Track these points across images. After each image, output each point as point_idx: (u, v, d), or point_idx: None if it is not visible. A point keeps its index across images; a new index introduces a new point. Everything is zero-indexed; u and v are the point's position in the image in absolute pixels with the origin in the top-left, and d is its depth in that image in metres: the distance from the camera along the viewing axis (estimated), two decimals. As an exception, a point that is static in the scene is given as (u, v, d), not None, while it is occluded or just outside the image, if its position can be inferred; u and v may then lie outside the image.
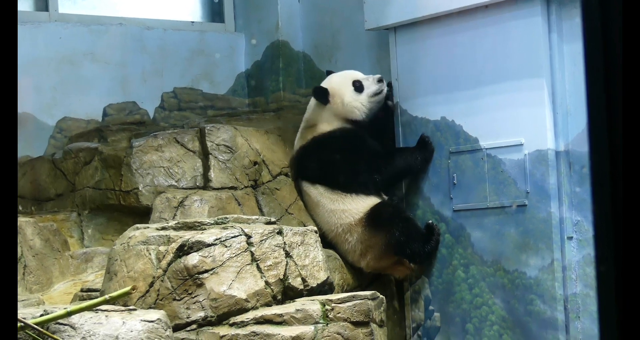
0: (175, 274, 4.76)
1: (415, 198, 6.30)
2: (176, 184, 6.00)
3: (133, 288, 4.33)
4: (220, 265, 4.80)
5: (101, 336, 4.12)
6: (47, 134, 6.85)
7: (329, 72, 6.53)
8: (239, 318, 4.74)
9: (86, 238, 6.13)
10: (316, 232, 5.24)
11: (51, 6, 7.01)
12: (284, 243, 5.02)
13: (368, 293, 5.00)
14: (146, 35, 7.29)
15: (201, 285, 4.74)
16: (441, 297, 6.17)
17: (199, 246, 4.80)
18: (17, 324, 3.80)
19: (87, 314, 4.18)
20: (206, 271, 4.77)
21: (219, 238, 4.85)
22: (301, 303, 4.85)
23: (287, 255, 5.00)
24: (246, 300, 4.79)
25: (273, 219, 5.35)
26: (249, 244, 4.91)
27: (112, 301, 4.24)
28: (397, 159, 6.25)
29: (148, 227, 5.09)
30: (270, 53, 7.50)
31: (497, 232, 5.86)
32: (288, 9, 7.45)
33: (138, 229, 5.08)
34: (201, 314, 4.72)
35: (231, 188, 6.05)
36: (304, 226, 5.62)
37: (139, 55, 7.24)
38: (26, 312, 4.13)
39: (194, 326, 4.71)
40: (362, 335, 4.83)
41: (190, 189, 5.97)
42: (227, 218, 5.12)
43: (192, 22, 7.61)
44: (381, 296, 5.11)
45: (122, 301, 4.65)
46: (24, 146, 6.53)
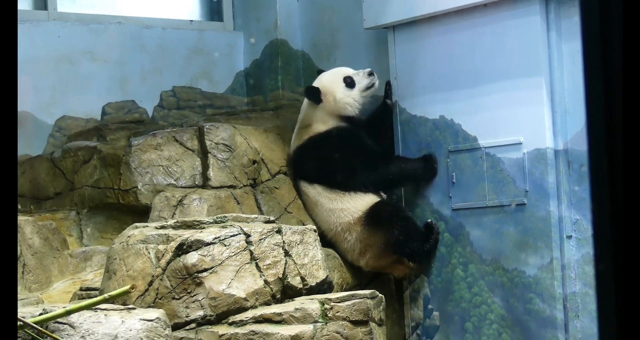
0: (174, 273, 4.76)
1: (414, 197, 6.30)
2: (175, 183, 6.00)
3: (132, 287, 4.33)
4: (219, 264, 4.79)
5: (100, 335, 4.12)
6: (46, 133, 6.84)
7: (320, 72, 6.53)
8: (238, 317, 4.73)
9: (85, 237, 6.13)
10: (315, 231, 5.24)
11: (50, 5, 7.00)
12: (283, 242, 5.01)
13: (367, 292, 4.99)
14: (145, 34, 7.29)
15: (200, 284, 4.74)
16: (440, 296, 6.17)
17: (198, 245, 4.80)
18: (17, 323, 3.79)
19: (86, 313, 4.18)
20: (205, 270, 4.76)
21: (218, 237, 4.85)
22: (300, 302, 4.85)
23: (286, 254, 5.00)
24: (245, 299, 4.79)
25: (272, 218, 5.35)
26: (248, 243, 4.91)
27: (111, 300, 4.24)
28: (396, 162, 6.24)
29: (147, 226, 5.09)
30: (269, 52, 7.49)
31: (496, 231, 5.86)
32: (287, 8, 7.45)
33: (137, 228, 5.07)
34: (200, 313, 4.72)
35: (230, 187, 6.05)
36: (303, 225, 5.62)
37: (138, 54, 7.23)
38: (25, 311, 4.13)
39: (193, 325, 4.71)
40: (361, 334, 4.83)
41: (189, 188, 5.97)
42: (226, 217, 5.12)
43: (191, 21, 7.61)
44: (380, 295, 5.11)
45: (121, 300, 4.65)
46: (23, 145, 6.53)
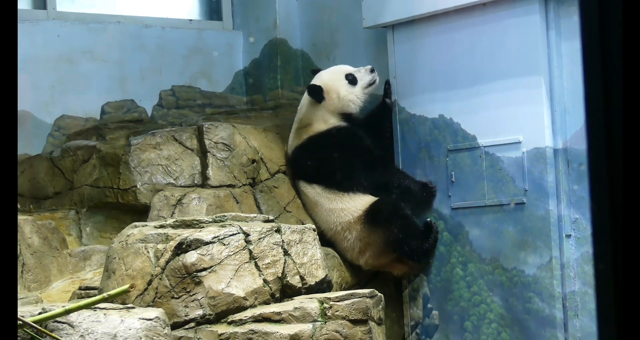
0: (173, 272, 4.76)
1: (413, 196, 6.30)
2: (174, 182, 6.00)
3: (131, 286, 4.33)
4: (218, 263, 4.79)
5: (99, 334, 4.12)
6: (46, 132, 6.84)
7: (315, 71, 6.53)
8: (237, 316, 4.73)
9: (84, 236, 6.13)
10: (314, 230, 5.23)
11: (49, 4, 7.00)
12: (282, 241, 5.01)
13: (366, 291, 4.99)
14: (144, 33, 7.29)
15: (199, 283, 4.74)
16: (439, 295, 6.17)
17: (197, 244, 4.80)
18: (17, 322, 3.79)
19: (86, 312, 4.18)
20: (204, 269, 4.76)
21: (217, 236, 4.85)
22: (299, 301, 4.85)
23: (286, 253, 5.00)
24: (244, 298, 4.79)
25: (271, 217, 5.35)
26: (247, 242, 4.91)
27: (111, 299, 4.24)
28: (396, 175, 6.23)
29: (146, 225, 5.09)
30: (268, 51, 7.49)
31: (496, 230, 5.86)
32: (286, 7, 7.45)
33: (136, 227, 5.07)
34: (199, 312, 4.72)
35: (229, 186, 6.04)
36: (302, 224, 5.62)
37: (137, 53, 7.24)
38: (24, 310, 4.12)
39: (192, 324, 4.71)
40: (361, 333, 4.83)
41: (188, 187, 5.97)
42: (226, 216, 5.11)
43: (190, 20, 7.61)
44: (379, 294, 5.10)
45: (121, 299, 4.65)
46: (22, 144, 6.52)
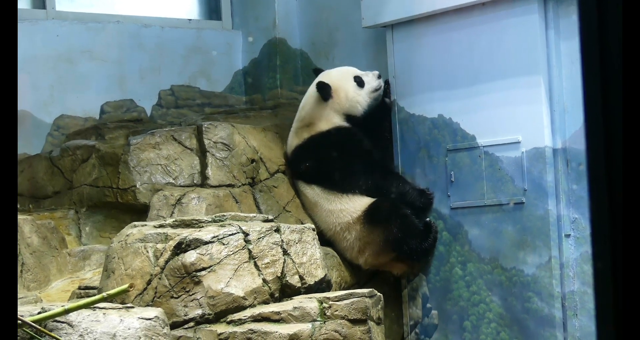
0: (172, 272, 4.76)
1: (412, 195, 6.30)
2: (174, 182, 6.00)
3: (131, 286, 4.32)
4: (217, 263, 4.79)
5: (99, 334, 4.12)
6: (45, 132, 6.84)
7: (317, 70, 6.52)
8: (237, 316, 4.73)
9: (84, 236, 6.13)
10: (314, 230, 5.23)
11: (48, 4, 7.00)
12: (282, 241, 5.01)
13: (366, 291, 4.99)
14: (143, 32, 7.29)
15: (199, 283, 4.74)
16: (439, 295, 6.17)
17: (197, 244, 4.80)
18: (16, 322, 3.79)
19: (85, 312, 4.18)
20: (204, 269, 4.76)
21: (217, 236, 4.85)
22: (299, 301, 4.85)
23: (285, 252, 5.00)
24: (244, 298, 4.79)
25: (270, 217, 5.34)
26: (247, 242, 4.91)
27: (110, 299, 4.24)
28: (395, 180, 6.23)
29: (145, 225, 5.09)
30: (267, 50, 7.49)
31: (495, 230, 5.87)
32: (285, 7, 7.45)
33: (135, 227, 5.07)
34: (199, 312, 4.72)
35: (229, 186, 6.04)
36: (302, 224, 5.62)
37: (137, 52, 7.23)
38: (24, 310, 4.12)
39: (192, 324, 4.71)
40: (360, 332, 4.83)
41: (187, 187, 5.96)
42: (225, 216, 5.11)
43: (190, 20, 7.61)
44: (379, 294, 5.10)
45: (120, 299, 4.65)
46: (22, 144, 6.52)
